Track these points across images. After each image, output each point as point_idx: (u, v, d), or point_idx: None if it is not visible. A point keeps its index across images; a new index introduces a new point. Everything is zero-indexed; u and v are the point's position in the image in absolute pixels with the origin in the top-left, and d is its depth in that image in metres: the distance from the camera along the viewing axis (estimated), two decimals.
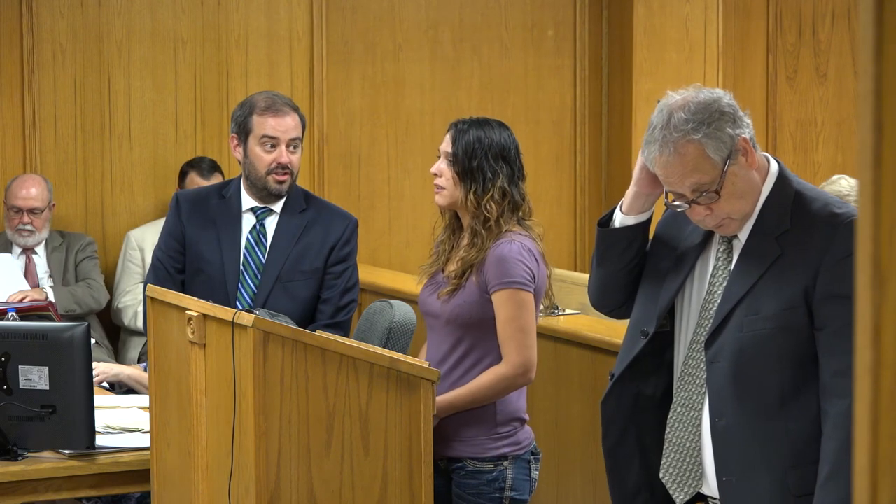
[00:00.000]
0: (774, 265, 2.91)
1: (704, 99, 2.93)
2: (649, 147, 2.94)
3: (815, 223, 2.90)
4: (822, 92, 7.76)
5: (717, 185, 2.88)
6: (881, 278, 1.20)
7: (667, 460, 3.07)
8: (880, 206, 1.21)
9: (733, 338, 2.93)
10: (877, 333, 1.21)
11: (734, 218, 2.94)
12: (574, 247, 7.90)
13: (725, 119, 2.91)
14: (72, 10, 6.92)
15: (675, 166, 2.90)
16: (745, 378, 2.92)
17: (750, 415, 2.92)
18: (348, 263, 4.54)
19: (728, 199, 2.91)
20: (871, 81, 1.20)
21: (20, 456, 4.04)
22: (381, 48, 7.48)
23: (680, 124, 2.89)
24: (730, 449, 2.95)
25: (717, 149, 2.89)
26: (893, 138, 1.20)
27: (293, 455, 3.50)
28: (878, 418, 1.21)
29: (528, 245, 3.86)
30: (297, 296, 4.45)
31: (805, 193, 2.96)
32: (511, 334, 3.80)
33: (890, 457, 1.20)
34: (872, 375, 1.21)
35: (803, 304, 2.86)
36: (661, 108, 2.95)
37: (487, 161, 3.86)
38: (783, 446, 2.90)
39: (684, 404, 3.03)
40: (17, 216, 6.50)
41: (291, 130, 4.47)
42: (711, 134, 2.89)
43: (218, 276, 4.45)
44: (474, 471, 3.87)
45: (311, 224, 4.52)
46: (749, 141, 2.93)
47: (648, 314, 3.07)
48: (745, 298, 2.92)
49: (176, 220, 4.56)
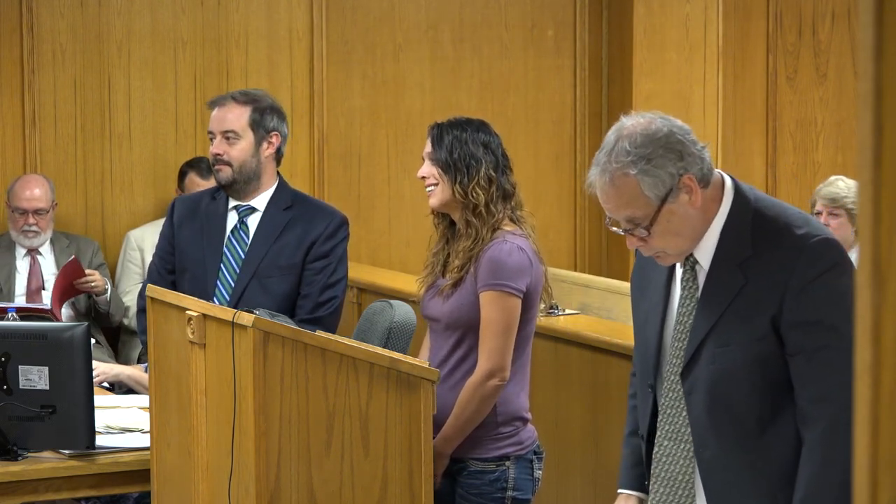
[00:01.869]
0: (739, 295, 2.86)
1: (654, 131, 2.84)
2: (592, 169, 2.89)
3: (777, 247, 2.84)
4: (822, 92, 7.76)
5: (648, 221, 2.83)
6: (881, 278, 1.20)
7: (655, 496, 3.03)
8: (880, 206, 1.20)
9: (706, 370, 2.89)
10: (877, 333, 1.21)
11: (669, 253, 2.90)
12: (574, 247, 7.90)
13: (670, 157, 2.82)
14: (72, 10, 6.92)
15: (611, 196, 2.85)
16: (721, 409, 2.89)
17: (731, 444, 2.90)
18: (330, 260, 4.53)
19: (662, 236, 2.85)
20: (871, 81, 1.20)
21: (20, 456, 4.04)
22: (381, 48, 7.48)
23: (621, 155, 2.82)
24: (717, 478, 2.93)
25: (653, 185, 2.82)
26: (893, 138, 1.20)
27: (293, 455, 3.50)
28: (878, 418, 1.21)
29: (521, 244, 3.87)
30: (273, 291, 4.47)
31: (764, 213, 2.89)
32: (487, 337, 3.82)
33: (890, 457, 1.20)
34: (872, 375, 1.21)
35: (772, 332, 2.82)
36: (615, 128, 2.88)
37: (468, 151, 3.89)
38: (769, 470, 2.88)
39: (671, 437, 2.99)
40: (22, 217, 6.49)
41: (224, 122, 4.56)
42: (649, 171, 2.81)
43: (200, 272, 4.49)
44: (477, 471, 3.88)
45: (293, 221, 4.54)
46: (695, 178, 2.84)
47: (646, 367, 3.05)
48: (713, 330, 2.88)
49: (169, 223, 4.67)
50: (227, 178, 4.54)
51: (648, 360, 3.03)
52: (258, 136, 4.55)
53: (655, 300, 3.02)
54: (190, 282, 4.52)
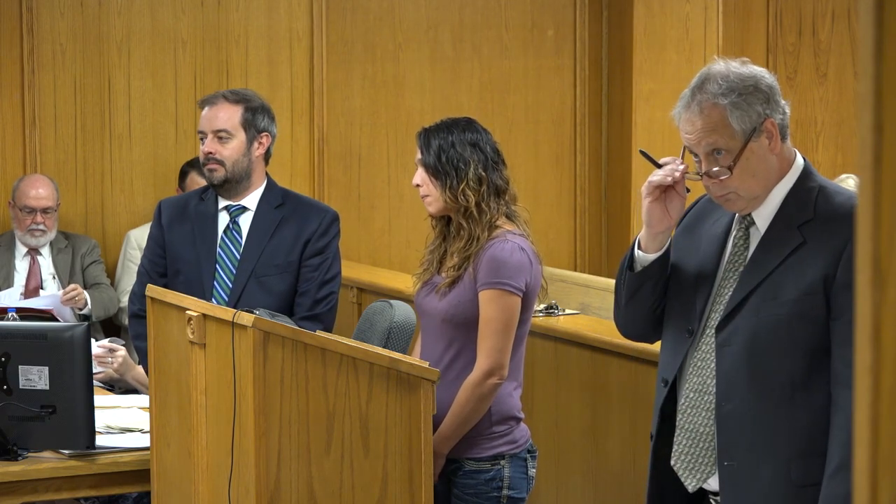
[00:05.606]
0: (795, 252, 2.90)
1: (745, 73, 2.93)
2: (678, 104, 2.97)
3: (838, 214, 2.90)
4: (822, 92, 7.76)
5: (732, 156, 2.90)
6: (881, 278, 1.20)
7: (678, 447, 3.05)
8: (880, 206, 1.20)
9: (748, 322, 2.92)
10: (877, 333, 1.21)
11: (741, 195, 2.94)
12: (574, 247, 7.90)
13: (758, 96, 2.91)
14: (72, 10, 6.92)
15: (697, 124, 2.91)
16: (756, 363, 2.91)
17: (757, 400, 2.91)
18: (325, 256, 4.54)
19: (740, 175, 2.91)
20: (871, 81, 1.20)
21: (20, 456, 4.04)
22: (381, 48, 7.48)
23: (711, 89, 2.91)
24: (734, 434, 2.94)
25: (740, 119, 2.89)
26: (893, 138, 1.20)
27: (293, 455, 3.50)
28: (878, 418, 1.21)
29: (521, 244, 3.87)
30: (272, 290, 4.47)
31: (828, 188, 2.97)
32: (486, 335, 3.82)
33: (890, 457, 1.20)
34: (872, 375, 1.21)
35: (822, 292, 2.86)
36: (702, 72, 2.96)
37: (455, 153, 3.90)
38: (789, 435, 2.89)
39: (697, 389, 3.01)
40: (30, 216, 6.49)
41: (215, 121, 4.55)
42: (739, 104, 2.89)
43: (194, 274, 4.48)
44: (471, 470, 3.88)
45: (286, 219, 4.54)
46: (777, 126, 2.93)
47: (690, 313, 3.05)
48: (762, 283, 2.92)
49: (157, 226, 4.66)
50: (219, 178, 4.54)
51: (697, 306, 3.04)
52: (249, 135, 4.55)
53: (710, 254, 3.05)
54: (184, 284, 4.50)
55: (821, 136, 7.79)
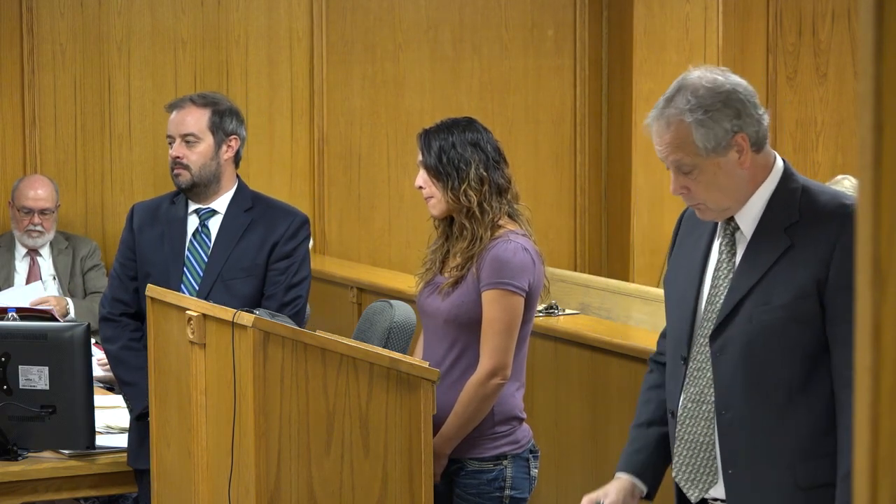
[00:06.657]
0: (785, 256, 2.89)
1: (717, 85, 2.92)
2: (651, 112, 2.98)
3: (824, 214, 2.88)
4: (822, 92, 7.76)
5: (694, 171, 2.89)
6: (881, 278, 1.20)
7: (679, 459, 3.04)
8: (880, 206, 1.20)
9: (742, 329, 2.91)
10: (877, 333, 1.21)
11: (709, 207, 2.94)
12: (574, 247, 7.90)
13: (726, 112, 2.89)
14: (72, 10, 6.92)
15: (665, 138, 2.92)
16: (753, 369, 2.90)
17: (756, 407, 2.91)
18: (292, 260, 4.52)
19: (706, 188, 2.91)
20: (871, 81, 1.20)
21: (20, 456, 4.04)
22: (381, 48, 7.48)
23: (680, 104, 2.90)
24: (735, 441, 2.93)
25: (704, 136, 2.88)
26: (893, 138, 1.20)
27: (293, 455, 3.50)
28: (878, 418, 1.21)
29: (525, 245, 3.87)
30: (238, 293, 4.45)
31: (812, 188, 2.96)
32: (490, 336, 3.82)
33: (890, 457, 1.20)
34: (872, 375, 1.21)
35: (815, 295, 2.84)
36: (679, 78, 2.97)
37: (456, 154, 3.90)
38: (791, 439, 2.89)
39: (694, 399, 3.00)
40: (28, 217, 6.49)
41: (184, 125, 4.54)
42: (704, 122, 2.88)
43: (162, 277, 4.46)
44: (474, 471, 3.88)
45: (254, 222, 4.53)
46: (748, 139, 2.90)
47: (680, 338, 3.05)
48: (754, 289, 2.91)
49: (128, 229, 4.63)
50: (186, 182, 4.53)
51: (684, 329, 3.04)
52: (217, 138, 4.54)
53: (692, 273, 3.05)
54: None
55: (821, 136, 7.80)
